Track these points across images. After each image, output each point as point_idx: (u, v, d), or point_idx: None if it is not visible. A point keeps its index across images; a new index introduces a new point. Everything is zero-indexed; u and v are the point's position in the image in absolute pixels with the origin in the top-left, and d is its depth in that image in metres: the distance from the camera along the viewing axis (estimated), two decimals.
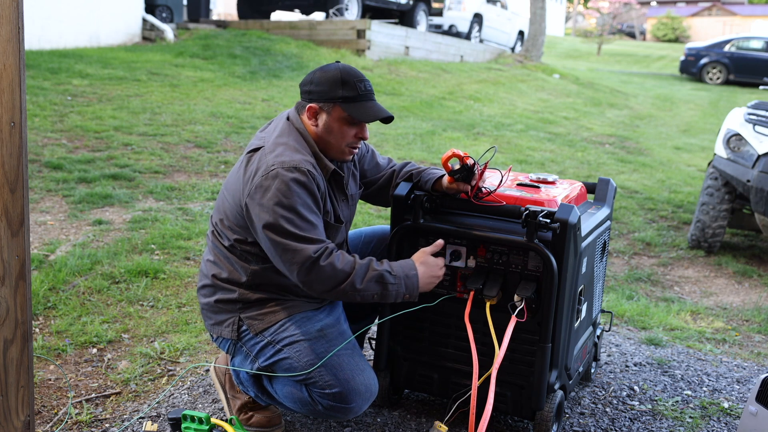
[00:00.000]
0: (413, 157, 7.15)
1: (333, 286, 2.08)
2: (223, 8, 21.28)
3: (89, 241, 4.20)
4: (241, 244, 2.20)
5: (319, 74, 2.19)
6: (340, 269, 2.08)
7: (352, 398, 2.11)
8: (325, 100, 2.17)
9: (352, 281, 2.09)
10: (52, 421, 2.47)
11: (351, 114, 2.16)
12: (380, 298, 2.14)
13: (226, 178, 2.32)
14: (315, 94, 2.19)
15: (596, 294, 2.73)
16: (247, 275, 2.22)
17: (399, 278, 2.15)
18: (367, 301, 2.14)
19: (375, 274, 2.12)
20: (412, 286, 2.17)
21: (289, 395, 2.20)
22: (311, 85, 2.20)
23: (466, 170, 2.28)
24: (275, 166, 2.07)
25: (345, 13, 13.43)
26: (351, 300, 2.15)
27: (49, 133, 6.41)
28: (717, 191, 5.23)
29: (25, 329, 1.85)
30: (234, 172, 2.25)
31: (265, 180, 2.06)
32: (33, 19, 10.29)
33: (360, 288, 2.10)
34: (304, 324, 2.20)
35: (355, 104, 2.17)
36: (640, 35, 46.40)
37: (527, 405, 2.32)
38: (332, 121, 2.18)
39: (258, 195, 2.07)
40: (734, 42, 20.91)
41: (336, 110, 2.17)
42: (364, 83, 2.19)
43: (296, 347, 2.16)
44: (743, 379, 3.08)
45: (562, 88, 14.97)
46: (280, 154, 2.11)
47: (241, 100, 8.88)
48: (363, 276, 2.11)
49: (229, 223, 2.21)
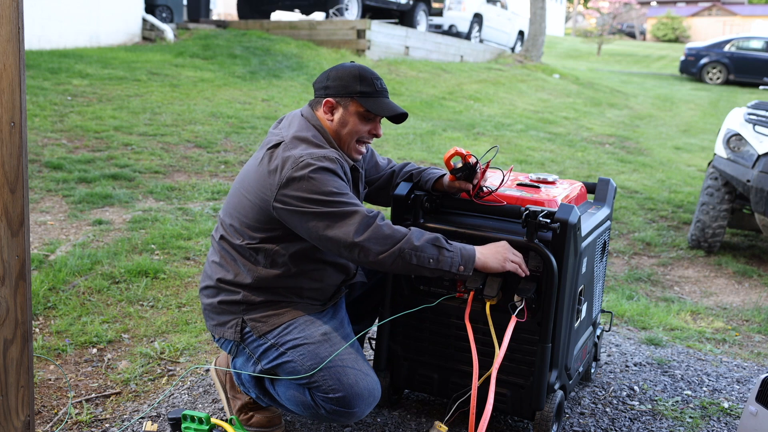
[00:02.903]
0: (413, 157, 7.15)
1: (391, 245, 2.04)
2: (223, 8, 21.28)
3: (89, 241, 4.20)
4: (258, 242, 2.18)
5: (336, 71, 2.22)
6: (396, 228, 2.08)
7: (355, 403, 2.10)
8: (342, 94, 2.20)
9: (409, 239, 2.05)
10: (52, 421, 2.46)
11: (368, 108, 2.18)
12: (436, 263, 2.07)
13: (238, 178, 2.30)
14: (332, 89, 2.21)
15: (596, 294, 2.73)
16: (252, 278, 2.21)
17: (455, 247, 2.12)
18: (423, 266, 2.07)
19: (431, 237, 2.10)
20: (468, 257, 2.11)
21: (292, 398, 2.20)
22: (328, 80, 2.22)
23: (468, 169, 2.28)
24: (304, 157, 2.07)
25: (345, 13, 13.43)
26: (407, 264, 2.06)
27: (49, 133, 6.41)
28: (717, 191, 5.23)
29: (25, 329, 1.85)
30: (251, 169, 2.21)
31: (296, 171, 2.05)
32: (33, 19, 10.29)
33: (418, 245, 2.05)
34: (307, 327, 2.19)
35: (372, 99, 2.20)
36: (640, 35, 46.41)
37: (527, 405, 2.32)
38: (348, 115, 2.20)
39: (292, 186, 2.05)
40: (734, 42, 20.91)
41: (353, 104, 2.19)
42: (380, 81, 2.23)
43: (300, 351, 2.15)
44: (743, 379, 3.08)
45: (562, 88, 14.98)
46: (305, 148, 2.12)
47: (241, 100, 8.88)
48: (420, 236, 2.08)
49: (248, 221, 2.19)
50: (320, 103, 2.24)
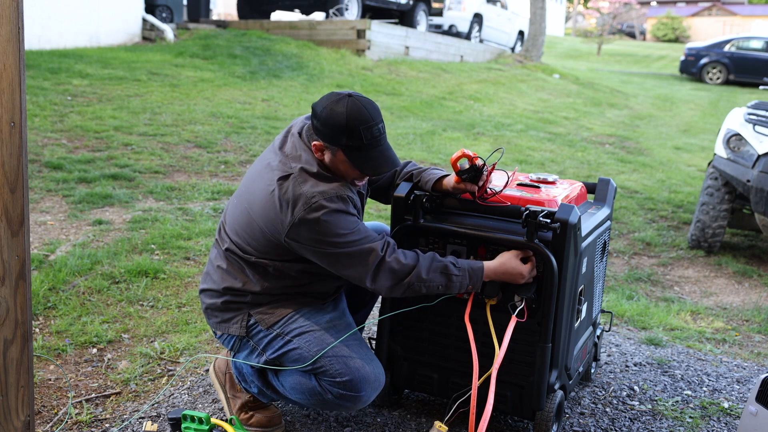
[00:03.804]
0: (413, 157, 7.15)
1: (400, 280, 2.14)
2: (223, 8, 21.27)
3: (89, 241, 4.20)
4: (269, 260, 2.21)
5: (327, 113, 2.10)
6: (405, 263, 2.14)
7: (362, 386, 2.14)
8: (329, 142, 2.13)
9: (418, 272, 2.14)
10: (52, 421, 2.47)
11: (353, 164, 2.13)
12: (445, 289, 2.19)
13: (244, 189, 2.27)
14: (321, 133, 2.13)
15: (596, 294, 2.73)
16: (261, 287, 2.25)
17: (463, 269, 2.19)
18: (433, 293, 2.19)
19: (439, 265, 2.17)
20: (476, 277, 2.20)
21: (297, 386, 2.22)
22: (318, 121, 2.13)
23: (474, 171, 2.28)
24: (316, 197, 2.07)
25: (345, 13, 13.43)
26: (417, 293, 2.18)
27: (49, 133, 6.41)
28: (717, 191, 5.23)
29: (25, 329, 1.85)
30: (261, 193, 2.17)
31: (309, 213, 2.06)
32: (33, 19, 10.29)
33: (425, 278, 2.14)
34: (312, 316, 2.25)
35: (360, 153, 2.12)
36: (640, 35, 46.40)
37: (527, 405, 2.32)
38: (337, 162, 2.16)
39: (305, 228, 2.07)
40: (734, 42, 20.91)
41: (339, 154, 2.14)
42: (371, 130, 2.09)
43: (306, 337, 2.19)
44: (743, 379, 3.08)
45: (562, 88, 14.97)
46: (315, 185, 2.10)
47: (241, 100, 8.88)
48: (428, 267, 2.15)
49: (257, 245, 2.20)
50: (311, 139, 2.18)
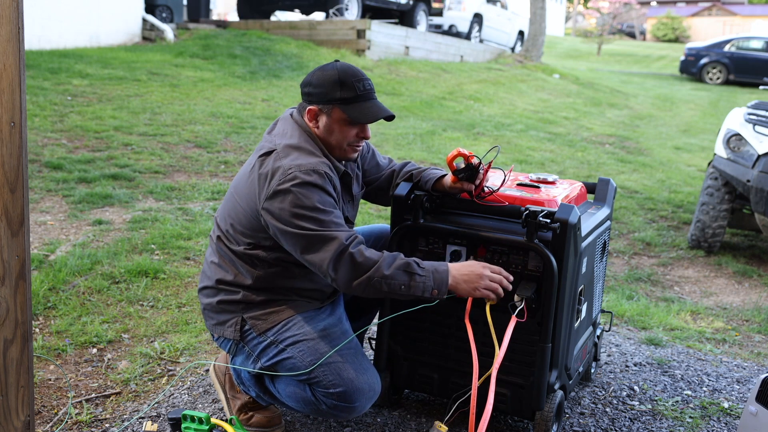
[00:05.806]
0: (413, 157, 7.15)
1: (361, 274, 2.04)
2: (223, 8, 21.28)
3: (89, 241, 4.20)
4: (252, 248, 2.20)
5: (318, 75, 2.17)
6: (367, 256, 2.05)
7: (355, 397, 2.11)
8: (323, 102, 2.16)
9: (379, 268, 2.04)
10: (52, 421, 2.46)
11: (350, 115, 2.15)
12: (407, 289, 2.07)
13: (233, 182, 2.31)
14: (314, 96, 2.18)
15: (596, 294, 2.73)
16: (252, 278, 2.22)
17: (427, 271, 2.09)
18: (395, 292, 2.07)
19: (402, 263, 2.08)
20: (440, 281, 2.10)
21: (293, 395, 2.21)
22: (310, 87, 2.19)
23: (470, 169, 2.28)
24: (292, 169, 2.06)
25: (345, 13, 13.42)
26: (378, 291, 2.07)
27: (49, 133, 6.41)
28: (717, 191, 5.23)
29: (25, 329, 1.85)
30: (244, 175, 2.23)
31: (283, 183, 2.05)
32: (33, 19, 10.29)
33: (387, 275, 2.05)
34: (307, 324, 2.21)
35: (354, 105, 2.15)
36: (640, 35, 46.40)
37: (527, 405, 2.32)
38: (332, 123, 2.17)
39: (278, 199, 2.06)
40: (734, 42, 20.91)
41: (335, 112, 2.16)
42: (363, 82, 2.17)
43: (299, 347, 2.16)
44: (743, 379, 3.08)
45: (562, 88, 14.97)
46: (296, 158, 2.10)
47: (241, 100, 8.88)
48: (390, 263, 2.07)
49: (241, 228, 2.20)
50: (305, 109, 2.22)
